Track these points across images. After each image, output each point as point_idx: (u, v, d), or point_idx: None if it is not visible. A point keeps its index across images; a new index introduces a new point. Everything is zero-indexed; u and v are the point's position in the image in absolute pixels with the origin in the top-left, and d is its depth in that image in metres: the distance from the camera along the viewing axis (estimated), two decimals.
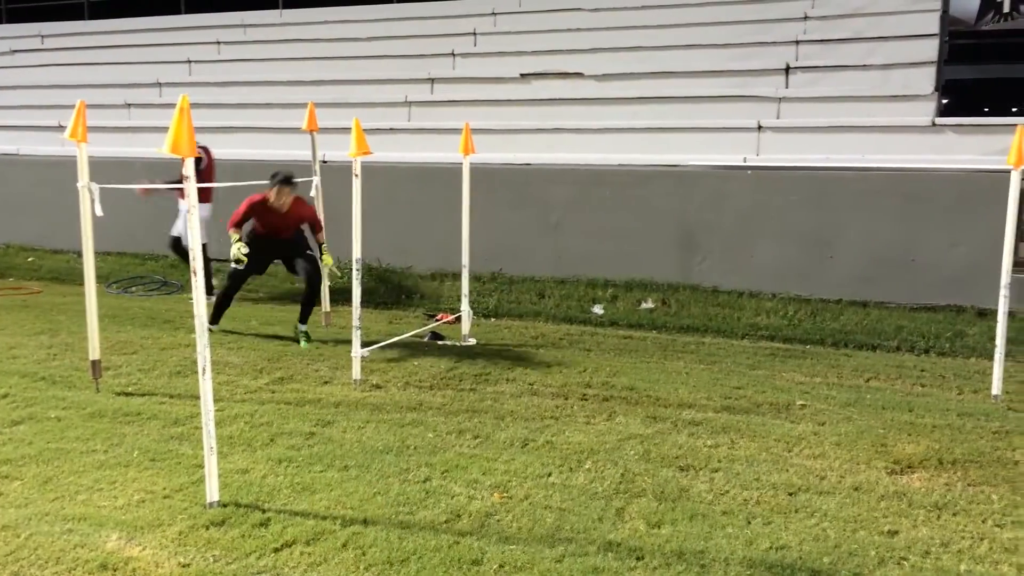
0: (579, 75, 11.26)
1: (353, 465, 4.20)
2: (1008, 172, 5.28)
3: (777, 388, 5.63)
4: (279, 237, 6.95)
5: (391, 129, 10.85)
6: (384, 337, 6.71)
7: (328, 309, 7.53)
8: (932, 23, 10.07)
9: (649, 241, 8.58)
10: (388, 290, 8.78)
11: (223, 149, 10.24)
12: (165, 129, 3.60)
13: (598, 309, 7.95)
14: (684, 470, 4.19)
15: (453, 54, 12.51)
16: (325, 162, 8.03)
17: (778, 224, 8.10)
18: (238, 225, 6.75)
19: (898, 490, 3.95)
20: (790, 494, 3.90)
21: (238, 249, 6.51)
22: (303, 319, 6.87)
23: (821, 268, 7.92)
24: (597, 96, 10.82)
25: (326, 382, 5.69)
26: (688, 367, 6.20)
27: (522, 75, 11.52)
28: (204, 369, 3.71)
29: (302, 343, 6.71)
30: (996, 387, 5.38)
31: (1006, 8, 10.15)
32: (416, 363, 6.17)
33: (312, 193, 7.26)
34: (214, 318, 7.01)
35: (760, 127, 9.57)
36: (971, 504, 3.79)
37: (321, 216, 7.24)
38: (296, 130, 8.22)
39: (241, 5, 15.19)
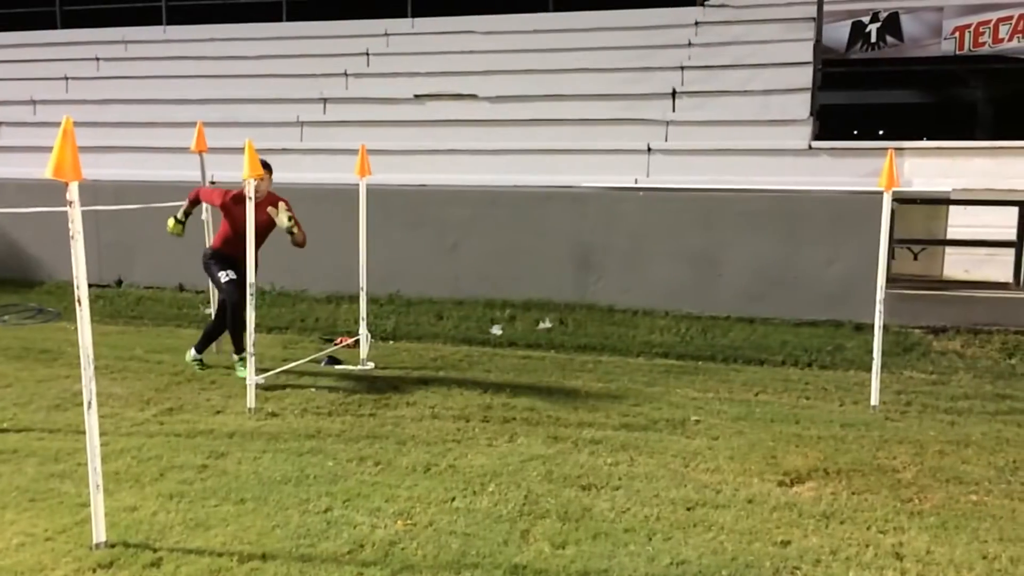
0: (473, 97, 11.36)
1: (250, 498, 4.07)
2: (880, 194, 5.60)
3: (672, 404, 5.78)
4: (241, 251, 6.11)
5: (283, 149, 10.65)
6: (279, 363, 6.55)
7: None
8: (806, 52, 10.62)
9: (545, 261, 8.68)
10: (282, 314, 8.58)
11: (103, 169, 9.84)
12: (39, 149, 3.44)
13: (496, 330, 7.98)
14: (586, 489, 4.24)
15: (346, 74, 12.41)
16: (214, 183, 7.80)
17: (669, 244, 8.34)
18: (196, 202, 6.49)
19: (789, 501, 4.11)
20: (688, 509, 4.00)
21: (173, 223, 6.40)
22: (199, 347, 6.63)
23: (710, 286, 8.19)
24: (491, 118, 10.93)
25: (219, 411, 5.50)
26: (586, 386, 6.29)
27: (416, 96, 11.53)
28: (90, 403, 3.53)
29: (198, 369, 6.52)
30: (874, 398, 5.67)
31: (873, 38, 10.79)
32: (314, 389, 6.04)
33: (203, 216, 7.04)
34: (236, 345, 6.49)
35: (650, 149, 9.87)
36: (856, 512, 3.97)
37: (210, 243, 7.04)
38: (183, 150, 7.97)
39: (122, 21, 14.64)
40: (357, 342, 6.93)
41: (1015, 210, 7.38)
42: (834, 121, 15.23)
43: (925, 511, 3.99)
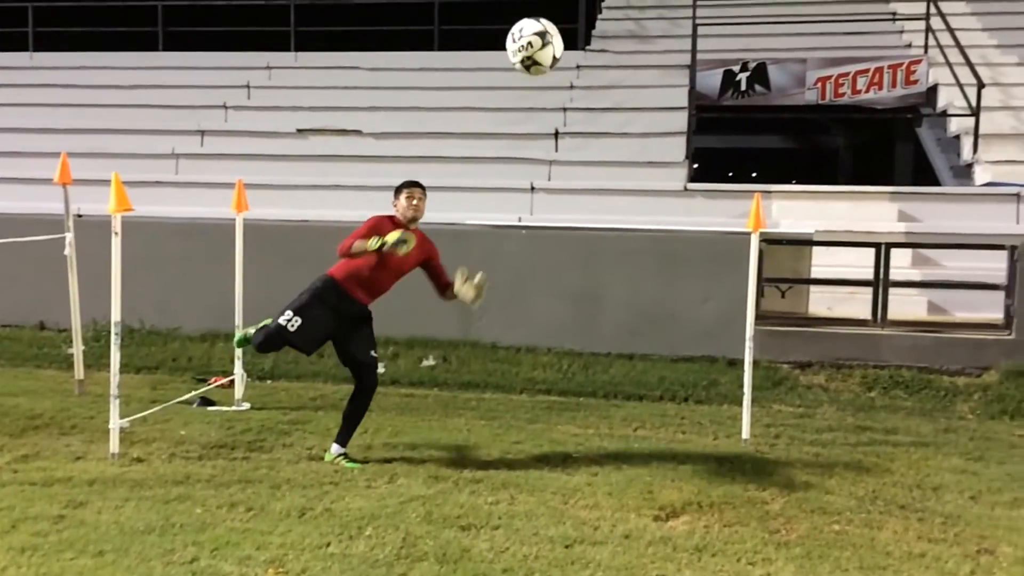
0: (357, 133, 11.29)
1: (109, 549, 3.84)
2: (749, 234, 5.85)
3: (553, 441, 5.82)
4: (365, 299, 5.32)
5: (156, 182, 10.31)
6: (147, 405, 6.25)
7: (82, 376, 6.92)
8: (681, 97, 11.07)
9: (429, 298, 8.60)
10: (152, 353, 8.22)
11: None
12: None
13: (379, 367, 7.86)
14: (466, 529, 4.20)
15: (225, 106, 12.14)
16: (80, 216, 7.46)
17: (551, 281, 8.44)
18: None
19: (664, 535, 4.18)
20: (566, 547, 4.02)
21: (399, 234, 4.97)
22: (342, 439, 5.25)
23: (592, 323, 8.33)
24: (376, 154, 10.89)
25: (79, 458, 5.19)
26: (469, 423, 6.27)
27: (299, 130, 11.38)
28: None
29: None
30: (745, 431, 5.87)
31: (743, 86, 11.31)
32: (183, 432, 5.79)
33: (66, 251, 6.70)
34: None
35: (533, 188, 10.03)
36: (727, 544, 4.08)
37: (74, 279, 6.70)
38: (47, 181, 7.58)
39: None
40: (232, 382, 6.70)
41: (872, 250, 7.83)
42: (712, 164, 15.91)
43: (791, 542, 4.13)
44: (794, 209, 9.62)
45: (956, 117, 10.64)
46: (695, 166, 11.95)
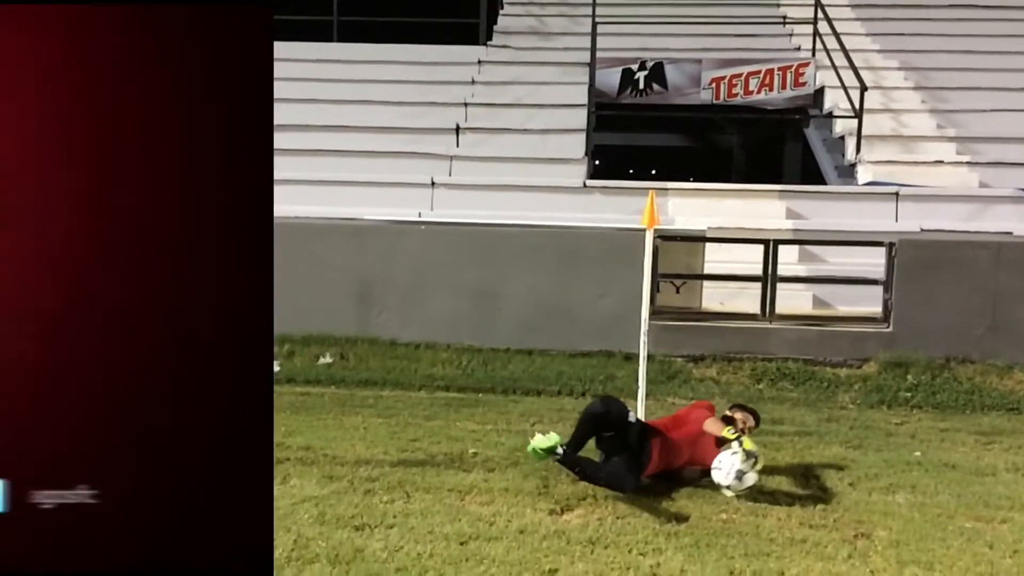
0: None
1: None
2: (643, 231, 5.96)
3: (451, 438, 5.80)
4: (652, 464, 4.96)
5: None
6: None
7: None
8: (581, 94, 11.21)
9: (326, 295, 8.49)
10: None
11: None
12: None
13: (274, 366, 7.70)
14: (359, 529, 4.15)
15: None
16: None
17: (451, 277, 8.42)
18: None
19: (558, 529, 4.22)
20: (461, 543, 4.01)
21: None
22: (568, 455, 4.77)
23: (491, 319, 8.34)
24: None
25: None
26: (366, 422, 6.19)
27: None
28: None
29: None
30: None
31: (641, 85, 11.52)
32: None
33: None
34: None
35: (433, 183, 9.99)
36: (619, 536, 4.15)
37: None
38: None
39: None
40: None
41: (761, 247, 8.09)
42: (612, 161, 16.16)
43: (680, 531, 4.24)
44: (689, 206, 9.88)
45: (841, 118, 11.10)
46: (596, 163, 12.11)
